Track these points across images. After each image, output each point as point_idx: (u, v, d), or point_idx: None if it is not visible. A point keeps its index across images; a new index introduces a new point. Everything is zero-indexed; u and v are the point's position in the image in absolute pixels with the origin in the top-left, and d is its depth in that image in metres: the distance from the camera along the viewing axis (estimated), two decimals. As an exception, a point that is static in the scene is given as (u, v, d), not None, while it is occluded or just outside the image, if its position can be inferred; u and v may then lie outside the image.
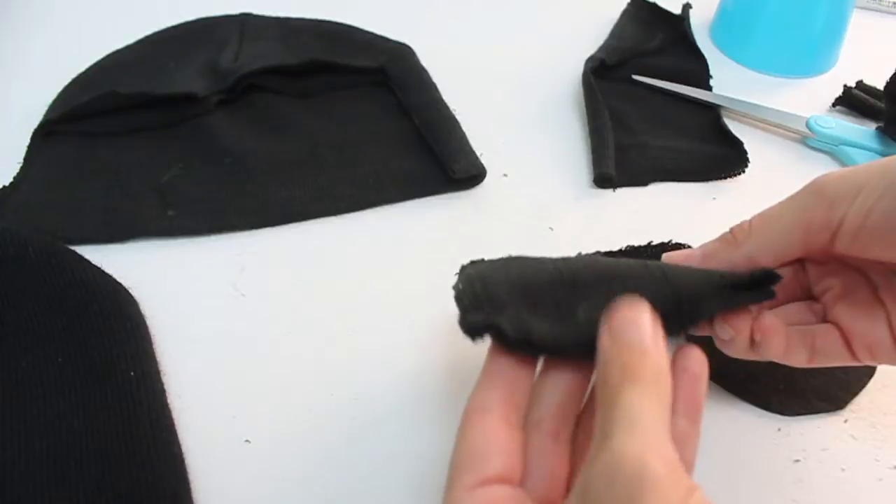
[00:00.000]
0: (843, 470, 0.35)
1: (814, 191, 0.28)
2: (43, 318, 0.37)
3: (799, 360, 0.31)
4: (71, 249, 0.41)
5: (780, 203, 0.29)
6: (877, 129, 0.53)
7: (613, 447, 0.21)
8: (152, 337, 0.38)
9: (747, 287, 0.28)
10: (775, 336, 0.30)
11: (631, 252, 0.42)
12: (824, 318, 0.32)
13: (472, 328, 0.27)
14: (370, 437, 0.35)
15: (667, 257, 0.31)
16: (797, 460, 0.35)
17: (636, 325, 0.24)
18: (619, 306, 0.25)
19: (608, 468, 0.21)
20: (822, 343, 0.31)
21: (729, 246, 0.29)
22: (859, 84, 0.58)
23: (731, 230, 0.30)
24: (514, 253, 0.31)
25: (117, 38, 0.56)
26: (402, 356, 0.39)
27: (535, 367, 0.28)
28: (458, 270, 0.30)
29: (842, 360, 0.31)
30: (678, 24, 0.63)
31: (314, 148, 0.50)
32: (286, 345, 0.39)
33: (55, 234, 0.42)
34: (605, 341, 0.25)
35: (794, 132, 0.54)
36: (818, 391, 0.37)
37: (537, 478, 0.26)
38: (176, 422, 0.35)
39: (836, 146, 0.52)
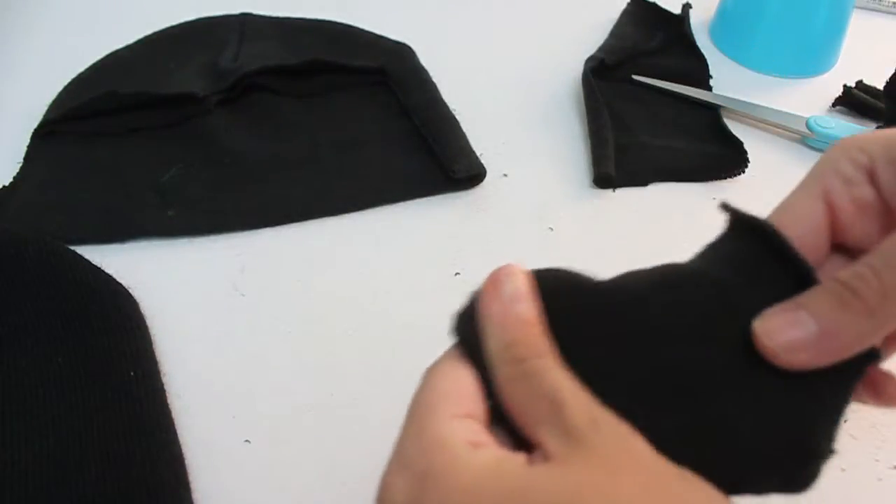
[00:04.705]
0: (843, 470, 0.35)
1: None
2: (43, 318, 0.37)
3: None
4: (71, 249, 0.41)
5: None
6: (877, 129, 0.53)
7: None
8: (152, 337, 0.38)
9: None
10: None
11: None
12: None
13: None
14: (370, 438, 0.35)
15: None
16: (797, 460, 0.35)
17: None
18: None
19: None
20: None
21: (858, 315, 0.20)
22: (859, 84, 0.58)
23: (853, 287, 0.20)
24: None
25: (117, 38, 0.56)
26: (402, 356, 0.39)
27: None
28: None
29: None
30: (678, 24, 0.63)
31: (314, 148, 0.50)
32: (286, 345, 0.39)
33: (55, 234, 0.42)
34: None
35: (794, 132, 0.54)
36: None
37: None
38: (176, 422, 0.35)
39: (836, 146, 0.52)
